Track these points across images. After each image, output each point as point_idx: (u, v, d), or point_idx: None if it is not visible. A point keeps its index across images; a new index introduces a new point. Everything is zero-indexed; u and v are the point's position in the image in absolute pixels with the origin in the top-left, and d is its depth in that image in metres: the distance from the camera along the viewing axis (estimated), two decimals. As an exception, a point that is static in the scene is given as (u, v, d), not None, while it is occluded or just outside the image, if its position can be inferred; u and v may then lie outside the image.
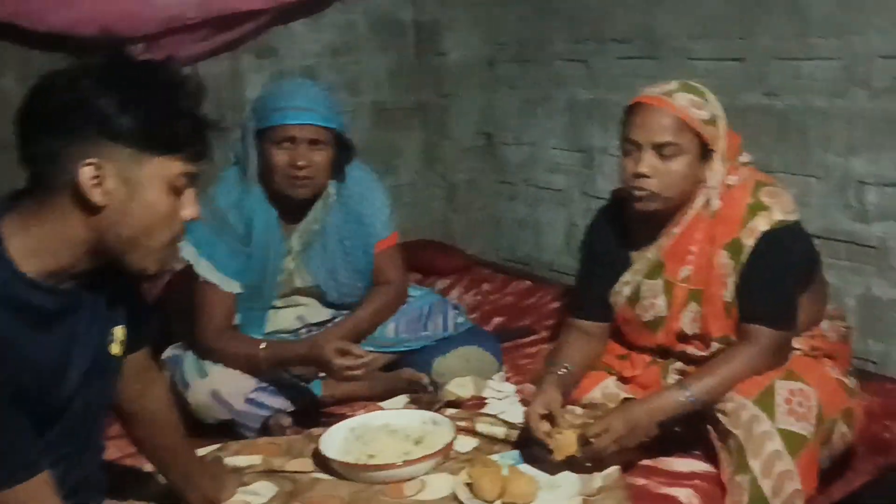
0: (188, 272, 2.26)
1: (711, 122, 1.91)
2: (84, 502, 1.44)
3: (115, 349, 1.46)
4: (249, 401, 2.13)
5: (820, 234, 2.62)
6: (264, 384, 2.17)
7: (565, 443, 1.82)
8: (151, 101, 1.26)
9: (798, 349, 1.95)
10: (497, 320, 3.00)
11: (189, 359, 2.19)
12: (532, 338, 2.77)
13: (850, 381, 1.97)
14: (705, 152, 1.91)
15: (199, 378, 2.13)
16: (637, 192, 1.92)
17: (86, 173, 1.23)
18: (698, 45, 2.94)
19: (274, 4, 3.34)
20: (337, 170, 2.27)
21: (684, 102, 1.89)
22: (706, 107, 1.92)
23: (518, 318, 3.00)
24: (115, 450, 1.94)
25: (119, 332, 1.46)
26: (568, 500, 1.76)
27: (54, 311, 1.31)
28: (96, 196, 1.24)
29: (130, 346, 1.54)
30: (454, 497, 1.79)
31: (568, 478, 1.84)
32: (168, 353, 2.27)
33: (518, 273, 3.51)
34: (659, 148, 1.88)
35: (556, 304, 3.04)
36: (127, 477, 1.88)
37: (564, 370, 1.99)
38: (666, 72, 3.04)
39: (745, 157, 1.99)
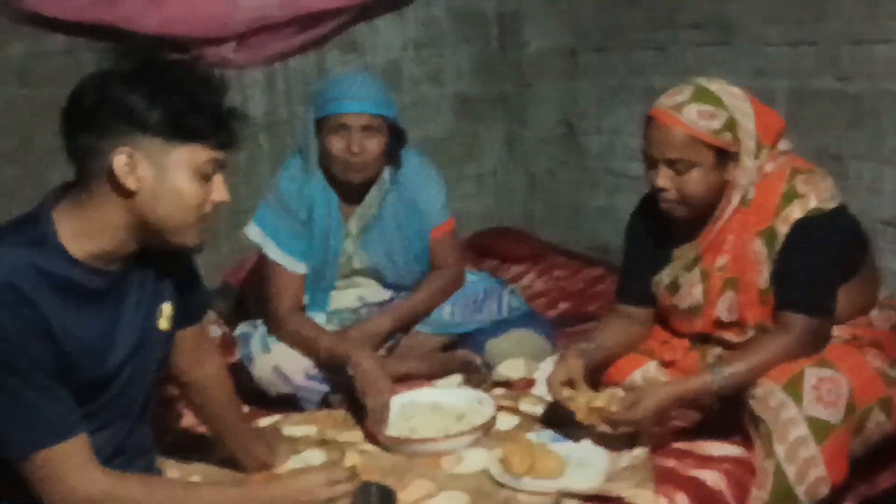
0: (263, 256, 2.43)
1: (727, 127, 1.91)
2: (131, 463, 1.58)
3: (163, 325, 1.61)
4: (310, 376, 2.28)
5: (893, 222, 2.57)
6: (324, 361, 2.31)
7: (586, 401, 1.88)
8: (176, 96, 1.41)
9: (837, 337, 1.94)
10: (563, 305, 3.06)
11: (256, 335, 2.35)
12: (594, 324, 2.81)
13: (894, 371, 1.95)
14: (729, 154, 1.92)
15: (262, 353, 2.29)
16: (662, 204, 1.96)
17: (119, 161, 1.39)
18: (771, 30, 2.90)
19: (356, 2, 3.47)
20: (391, 156, 2.39)
21: (693, 116, 1.89)
22: (719, 114, 1.90)
23: (585, 304, 3.05)
24: (190, 418, 2.13)
25: (167, 308, 1.61)
26: (593, 478, 1.82)
27: (102, 291, 1.47)
28: (130, 182, 1.40)
29: (180, 321, 1.70)
30: (487, 472, 1.88)
31: (596, 456, 1.90)
32: (239, 329, 2.45)
33: (593, 260, 3.54)
34: (671, 164, 1.91)
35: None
36: (193, 441, 2.07)
37: (587, 345, 2.05)
38: (739, 58, 3.03)
39: (784, 145, 1.99)
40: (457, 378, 2.39)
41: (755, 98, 1.99)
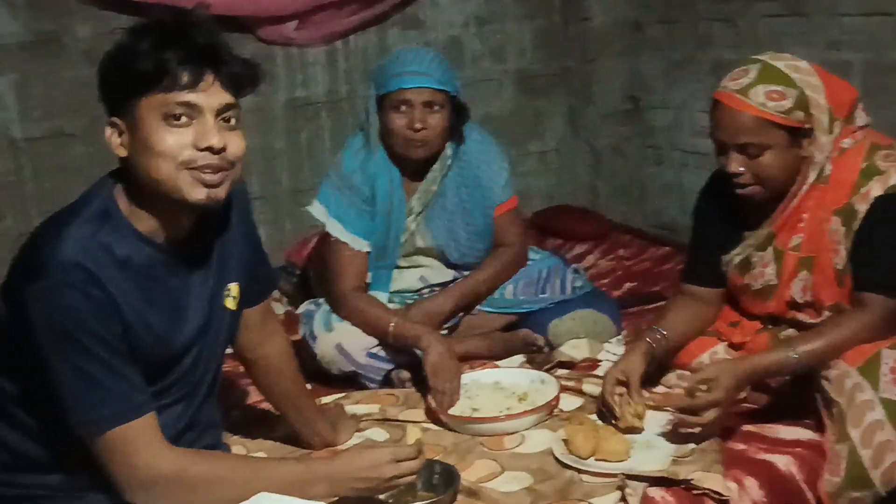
0: (326, 234, 2.43)
1: (798, 105, 1.84)
2: (199, 439, 1.60)
3: (230, 304, 1.62)
4: (371, 355, 2.28)
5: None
6: (386, 340, 2.31)
7: (631, 414, 1.85)
8: (121, 54, 1.40)
9: (915, 319, 1.86)
10: (629, 285, 3.01)
11: (318, 313, 2.36)
12: (660, 304, 2.76)
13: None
14: (803, 131, 1.85)
15: (325, 332, 2.30)
16: (737, 188, 1.90)
17: (106, 133, 1.42)
18: (846, 1, 2.79)
19: (417, -22, 3.45)
20: (453, 132, 2.36)
21: (761, 98, 1.82)
22: (788, 93, 1.83)
23: (651, 284, 2.99)
24: (255, 394, 2.16)
25: (234, 288, 1.62)
26: (659, 460, 1.79)
27: (168, 269, 1.48)
28: (118, 150, 1.42)
29: (248, 300, 1.71)
30: (550, 452, 1.87)
31: (662, 438, 1.86)
32: (302, 308, 2.46)
33: (659, 239, 3.47)
34: (742, 148, 1.85)
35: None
36: (258, 418, 2.09)
37: (659, 336, 2.00)
38: (813, 30, 2.93)
39: (861, 119, 1.91)
40: (519, 358, 2.36)
41: (823, 69, 1.92)
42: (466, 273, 2.48)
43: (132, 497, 1.42)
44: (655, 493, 1.70)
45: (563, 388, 2.12)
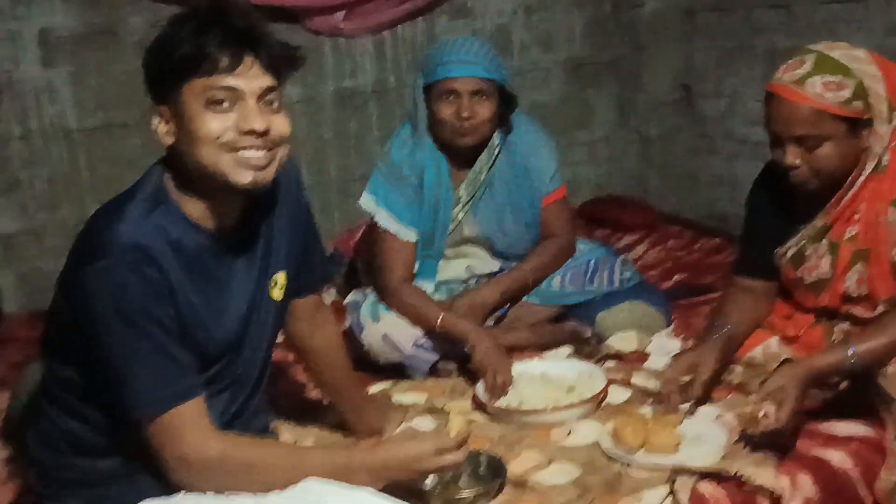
0: (374, 224, 2.44)
1: (856, 95, 1.79)
2: (249, 425, 1.61)
3: (276, 294, 1.62)
4: (418, 345, 2.28)
5: None
6: (432, 331, 2.31)
7: (672, 423, 1.82)
8: (159, 42, 1.42)
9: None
10: (678, 277, 2.96)
11: (366, 303, 2.37)
12: (710, 296, 2.71)
13: None
14: (861, 122, 1.80)
15: (372, 322, 2.30)
16: (794, 180, 1.86)
17: (153, 124, 1.44)
18: (906, -16, 2.72)
19: (466, -33, 3.44)
20: (501, 121, 2.35)
21: (818, 89, 1.78)
22: (846, 83, 1.78)
23: (701, 276, 2.94)
24: (305, 382, 2.18)
25: (281, 278, 1.63)
26: (710, 455, 1.76)
27: (214, 255, 1.49)
28: (165, 138, 1.44)
29: (300, 290, 1.72)
30: (597, 445, 1.85)
31: (713, 432, 1.83)
32: (350, 298, 2.48)
33: (710, 230, 3.42)
34: (799, 141, 1.81)
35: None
36: (307, 405, 2.11)
37: (726, 330, 1.97)
38: (871, 15, 2.86)
39: (922, 107, 1.85)
40: (566, 350, 2.35)
41: (881, 57, 1.86)
42: (513, 263, 2.46)
43: (180, 480, 1.44)
44: (705, 487, 1.67)
45: (611, 381, 2.10)
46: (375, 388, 2.22)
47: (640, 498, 1.66)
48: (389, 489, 1.52)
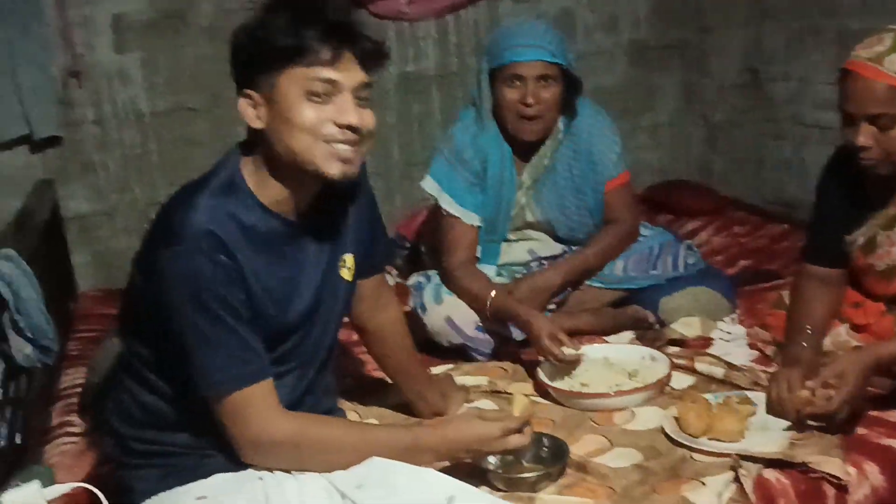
0: (437, 208, 2.46)
1: None
2: (317, 404, 1.65)
3: (346, 275, 1.66)
4: (480, 328, 2.29)
5: None
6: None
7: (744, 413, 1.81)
8: (262, 29, 1.43)
9: None
10: (743, 263, 2.93)
11: (429, 286, 2.39)
12: (776, 282, 2.67)
13: None
14: None
15: (434, 304, 2.32)
16: (864, 162, 1.82)
17: (241, 105, 1.46)
18: None
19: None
20: (566, 106, 2.34)
21: None
22: None
23: (767, 262, 2.90)
24: (369, 362, 2.19)
25: (349, 258, 1.66)
26: (776, 442, 1.74)
27: (286, 238, 1.53)
28: (254, 122, 1.46)
29: (363, 271, 1.75)
30: (661, 430, 1.85)
31: (779, 419, 1.81)
32: (412, 280, 2.50)
33: (776, 216, 3.36)
34: (873, 119, 1.77)
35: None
36: (371, 386, 2.14)
37: (808, 331, 1.94)
38: (952, -6, 2.75)
39: None
40: (628, 334, 2.34)
41: None
42: (575, 248, 2.46)
43: (248, 458, 1.48)
44: (770, 475, 1.66)
45: (675, 366, 2.09)
46: (438, 370, 2.24)
47: (703, 483, 1.65)
48: (451, 469, 1.55)
